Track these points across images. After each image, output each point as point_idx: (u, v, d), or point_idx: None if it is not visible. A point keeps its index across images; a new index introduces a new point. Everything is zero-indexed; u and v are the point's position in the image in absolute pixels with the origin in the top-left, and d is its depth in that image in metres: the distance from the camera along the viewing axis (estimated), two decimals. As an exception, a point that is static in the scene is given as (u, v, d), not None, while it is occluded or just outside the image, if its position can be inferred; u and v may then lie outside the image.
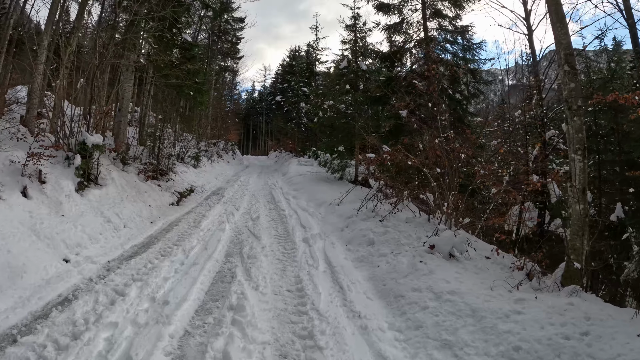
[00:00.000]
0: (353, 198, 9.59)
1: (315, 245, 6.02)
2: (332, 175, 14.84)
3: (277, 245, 6.08)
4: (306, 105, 25.54)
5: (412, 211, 7.62)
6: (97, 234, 5.87)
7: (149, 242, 6.11)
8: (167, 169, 11.41)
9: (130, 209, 7.11)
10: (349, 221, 7.52)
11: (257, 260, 5.10)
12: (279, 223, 7.72)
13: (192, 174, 12.99)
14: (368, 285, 4.66)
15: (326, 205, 9.80)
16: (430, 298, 4.05)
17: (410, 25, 12.86)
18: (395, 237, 6.02)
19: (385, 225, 6.74)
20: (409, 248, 5.48)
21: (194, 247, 5.69)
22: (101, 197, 6.97)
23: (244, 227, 7.21)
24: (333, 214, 8.69)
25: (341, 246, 6.29)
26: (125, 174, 8.81)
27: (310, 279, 4.52)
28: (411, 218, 7.31)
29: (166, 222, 7.38)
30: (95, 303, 3.82)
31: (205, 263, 4.94)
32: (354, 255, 5.82)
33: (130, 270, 4.71)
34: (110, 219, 6.37)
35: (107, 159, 8.84)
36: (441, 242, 5.11)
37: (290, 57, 38.11)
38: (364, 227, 6.85)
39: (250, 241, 6.10)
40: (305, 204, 10.38)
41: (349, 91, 14.82)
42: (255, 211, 8.87)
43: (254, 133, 53.32)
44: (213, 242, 5.93)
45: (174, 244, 5.88)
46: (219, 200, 10.22)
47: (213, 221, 7.46)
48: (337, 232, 7.22)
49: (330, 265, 5.17)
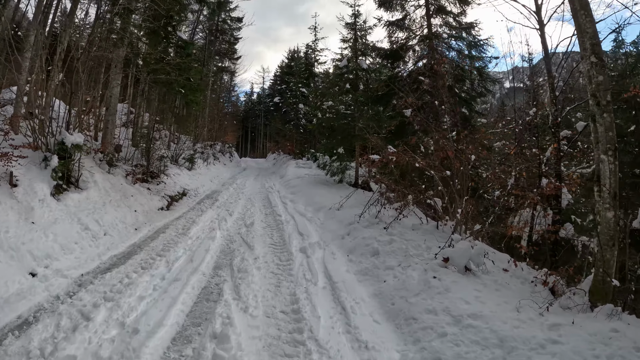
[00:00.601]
0: (354, 202, 9.02)
1: (313, 256, 5.44)
2: (332, 178, 14.28)
3: (271, 255, 5.50)
4: (305, 107, 25.02)
5: (418, 217, 7.06)
6: (72, 243, 5.28)
7: (130, 252, 5.53)
8: (159, 171, 10.84)
9: (112, 215, 6.53)
10: (351, 228, 6.95)
11: (248, 274, 4.52)
12: (275, 230, 7.14)
13: (185, 177, 12.41)
14: (374, 305, 4.08)
15: (325, 210, 9.23)
16: (449, 322, 3.48)
17: (413, 21, 12.36)
18: (402, 247, 5.45)
19: (391, 233, 6.18)
20: (418, 260, 4.90)
21: (179, 258, 5.11)
22: (80, 201, 6.39)
23: (236, 235, 6.63)
24: (333, 220, 8.12)
25: (342, 257, 5.71)
26: (111, 176, 8.22)
27: (308, 298, 3.94)
28: (418, 225, 6.74)
29: (152, 228, 6.79)
30: (57, 329, 3.25)
31: (189, 278, 4.36)
32: (356, 267, 5.24)
33: (103, 287, 4.13)
34: (88, 226, 5.78)
35: (92, 161, 8.27)
36: (456, 254, 4.54)
37: (288, 58, 37.63)
38: (367, 235, 6.28)
39: (242, 251, 5.52)
40: (303, 209, 9.81)
41: (348, 91, 14.27)
42: (249, 217, 8.29)
43: (252, 135, 52.84)
44: (201, 252, 5.34)
45: (158, 254, 5.29)
46: (212, 205, 9.64)
47: (203, 228, 6.88)
48: (337, 240, 6.65)
49: (330, 279, 4.59)
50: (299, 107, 25.10)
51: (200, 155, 18.83)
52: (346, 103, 15.32)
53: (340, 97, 15.45)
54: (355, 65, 14.37)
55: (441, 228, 6.60)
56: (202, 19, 24.39)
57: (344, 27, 15.98)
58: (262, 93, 52.42)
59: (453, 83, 10.81)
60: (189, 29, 23.51)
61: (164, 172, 11.20)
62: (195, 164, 15.32)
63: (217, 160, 21.71)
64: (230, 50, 28.68)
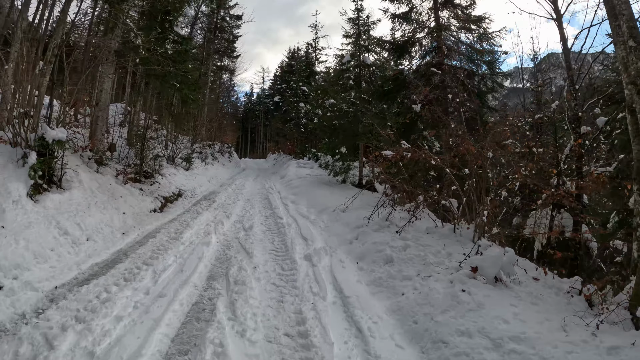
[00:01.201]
0: (360, 204, 8.43)
1: (320, 264, 4.84)
2: (334, 178, 13.69)
3: (272, 264, 4.89)
4: (305, 105, 24.42)
5: (432, 220, 6.47)
6: (47, 250, 4.67)
7: (114, 259, 4.92)
8: (153, 170, 10.24)
9: (97, 218, 5.92)
10: (359, 232, 6.35)
11: (246, 287, 3.91)
12: (276, 234, 6.54)
13: (181, 177, 11.81)
14: (393, 323, 3.48)
15: (329, 211, 8.63)
16: (487, 347, 2.88)
17: (420, 14, 11.78)
18: (419, 254, 4.85)
19: (404, 238, 5.58)
20: (440, 269, 4.30)
21: (168, 268, 4.51)
22: (62, 203, 5.79)
23: (234, 240, 6.03)
24: (338, 223, 7.52)
25: (352, 264, 5.11)
26: (99, 176, 7.63)
27: (316, 317, 3.34)
28: (432, 228, 6.16)
29: (142, 233, 6.19)
30: (15, 358, 2.67)
31: (177, 292, 3.76)
32: (368, 276, 4.64)
33: (77, 303, 3.53)
34: (68, 230, 5.18)
35: (79, 159, 7.68)
36: (486, 262, 3.94)
37: (289, 57, 37.09)
38: (377, 239, 5.68)
39: (239, 259, 4.92)
40: (305, 211, 9.22)
41: (352, 87, 13.68)
42: (248, 219, 7.69)
43: (252, 136, 52.36)
44: (193, 260, 4.74)
45: (145, 262, 4.69)
46: (209, 206, 9.04)
47: (198, 232, 6.27)
48: (344, 245, 6.05)
49: (341, 293, 3.99)
50: (299, 105, 24.49)
51: (199, 155, 18.23)
52: (348, 101, 14.74)
53: (343, 94, 14.86)
54: (359, 61, 13.78)
55: (458, 232, 6.00)
56: (201, 17, 23.88)
57: (347, 22, 15.38)
58: (262, 93, 51.91)
59: (464, 77, 10.22)
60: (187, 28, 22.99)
61: (158, 172, 10.61)
62: (193, 164, 14.72)
63: (215, 160, 21.10)
64: (230, 48, 28.11)
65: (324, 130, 15.48)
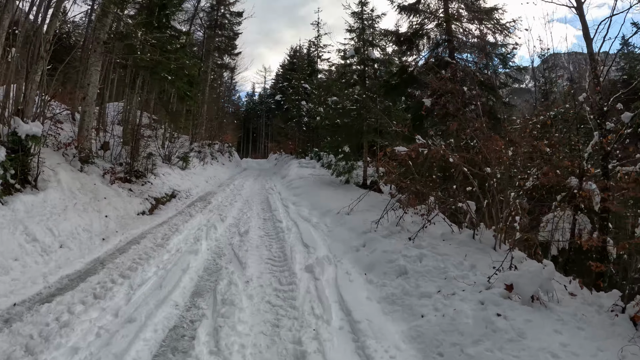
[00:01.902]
0: (366, 206, 7.80)
1: (323, 277, 4.20)
2: (338, 178, 13.04)
3: (268, 276, 4.25)
4: (307, 104, 23.79)
5: (447, 225, 5.82)
6: (10, 259, 4.06)
7: (88, 270, 4.31)
8: (146, 170, 9.63)
9: (74, 222, 5.30)
10: (366, 238, 5.70)
11: (235, 307, 3.28)
12: (274, 240, 5.90)
13: (177, 177, 11.19)
14: (414, 355, 2.84)
15: (333, 214, 8.00)
16: (539, 396, 2.23)
17: (428, 6, 11.11)
18: (438, 266, 4.20)
19: (419, 246, 4.93)
20: (466, 285, 3.65)
21: (147, 281, 3.88)
22: (34, 205, 5.17)
23: (227, 247, 5.40)
24: (342, 227, 6.88)
25: (359, 276, 4.47)
26: (83, 175, 7.02)
27: (319, 349, 2.70)
28: (448, 234, 5.51)
29: (125, 238, 5.57)
30: None
31: (152, 314, 3.13)
32: (380, 292, 4.00)
33: (31, 327, 2.93)
34: (37, 236, 4.56)
35: (61, 157, 7.07)
36: (523, 279, 3.29)
37: (290, 56, 36.46)
38: (388, 247, 5.04)
39: (231, 270, 4.28)
40: (307, 213, 8.59)
41: (356, 83, 13.04)
42: (245, 223, 7.05)
43: (254, 136, 51.84)
44: (176, 272, 4.10)
45: (122, 274, 4.07)
46: (203, 208, 8.42)
47: (187, 237, 5.64)
48: (350, 253, 5.40)
49: (349, 315, 3.34)
50: (301, 104, 23.85)
51: (197, 155, 17.64)
52: (352, 98, 14.10)
53: (346, 90, 14.22)
54: (363, 56, 13.14)
55: (478, 238, 5.35)
56: (201, 15, 23.31)
57: (350, 16, 14.73)
58: (263, 93, 51.35)
59: (476, 70, 9.55)
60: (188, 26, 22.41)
61: (151, 172, 10.00)
62: (190, 163, 14.10)
63: (215, 159, 20.48)
64: (230, 45, 27.52)
65: (327, 129, 14.85)
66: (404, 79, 9.79)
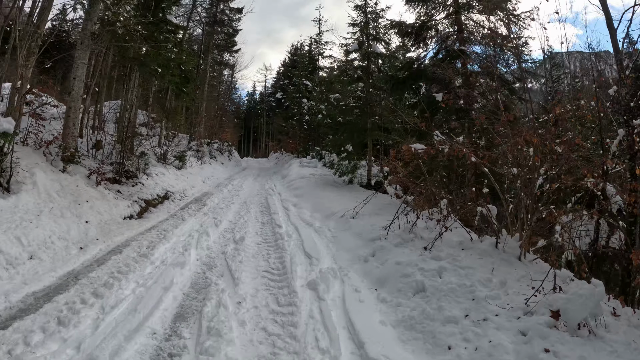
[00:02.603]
0: (372, 209, 7.22)
1: (328, 296, 3.62)
2: (341, 178, 12.46)
3: (265, 294, 3.67)
4: (309, 102, 23.18)
5: (465, 231, 5.23)
6: (-36, 276, 3.50)
7: (58, 286, 3.74)
8: (137, 170, 9.06)
9: (48, 229, 4.73)
10: (375, 246, 5.12)
11: (222, 339, 2.70)
12: (273, 248, 5.32)
13: (171, 177, 10.62)
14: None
15: (336, 217, 7.43)
16: None
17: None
18: (463, 283, 3.61)
19: (437, 257, 4.35)
20: (498, 308, 3.07)
21: (122, 302, 3.31)
22: (3, 210, 4.60)
23: (219, 256, 4.82)
24: (348, 232, 6.30)
25: (370, 293, 3.89)
26: (65, 176, 6.45)
27: (327, 401, 2.12)
28: (467, 242, 4.92)
29: (106, 247, 5.00)
30: None
31: (119, 351, 2.55)
32: (395, 313, 3.42)
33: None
34: (1, 247, 3.99)
35: (41, 156, 6.51)
36: (572, 304, 2.70)
37: (291, 53, 35.84)
38: (401, 257, 4.46)
39: (221, 287, 3.70)
40: (308, 215, 8.01)
41: (360, 78, 12.44)
42: (241, 227, 6.47)
43: (254, 135, 51.30)
44: (156, 291, 3.53)
45: (95, 292, 3.49)
46: (197, 211, 7.85)
47: (175, 246, 5.07)
48: (358, 263, 4.83)
49: (361, 347, 2.75)
50: (302, 101, 23.25)
51: (195, 154, 17.08)
52: (355, 96, 13.53)
53: (349, 87, 13.63)
54: (367, 50, 12.54)
55: (501, 247, 4.76)
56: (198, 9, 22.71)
57: (353, 9, 14.13)
58: (264, 91, 50.77)
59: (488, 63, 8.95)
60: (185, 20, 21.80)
61: (144, 172, 9.44)
62: (187, 162, 13.53)
63: (214, 159, 19.92)
64: (230, 42, 26.93)
65: (330, 127, 14.29)
66: (412, 73, 9.21)
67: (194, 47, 23.56)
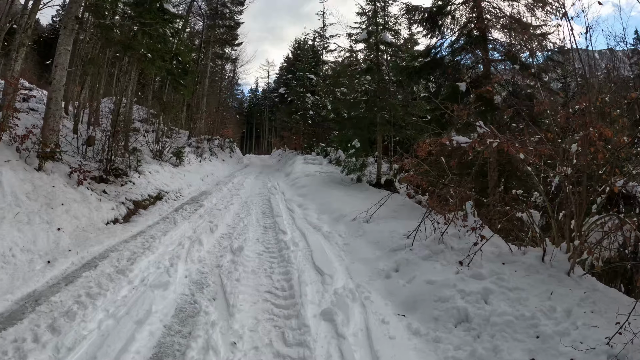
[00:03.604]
0: (387, 211, 6.46)
1: (348, 330, 2.83)
2: (348, 176, 11.65)
3: (267, 328, 2.88)
4: (313, 96, 22.33)
5: (506, 243, 4.43)
6: None
7: (11, 315, 2.97)
8: (128, 167, 8.28)
9: (10, 239, 3.96)
10: (398, 258, 4.33)
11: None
12: (276, 260, 4.53)
13: (166, 175, 9.85)
14: None
15: (347, 221, 6.65)
16: None
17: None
18: (520, 313, 2.81)
19: (478, 275, 3.55)
20: (572, 349, 2.29)
21: (82, 341, 2.54)
22: (-47, 217, 3.84)
23: (213, 271, 4.05)
24: (362, 239, 5.52)
25: (397, 321, 3.10)
26: (41, 175, 5.69)
27: None
28: (507, 254, 4.13)
29: (80, 260, 4.22)
30: None
31: None
32: (435, 354, 2.64)
33: None
34: (-60, 264, 3.23)
35: (14, 152, 5.75)
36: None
37: (295, 47, 34.91)
38: (434, 275, 3.67)
39: (212, 318, 2.92)
40: (315, 218, 7.24)
41: (370, 69, 11.61)
42: (240, 233, 5.70)
43: (257, 132, 50.59)
44: (128, 324, 2.75)
45: (52, 325, 2.73)
46: (193, 213, 7.08)
47: (161, 258, 4.29)
48: (379, 279, 4.04)
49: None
50: (306, 96, 22.40)
51: (195, 150, 16.32)
52: (362, 90, 12.69)
53: (357, 79, 12.80)
54: (378, 38, 11.70)
55: (548, 260, 3.97)
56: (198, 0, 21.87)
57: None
58: (267, 88, 49.96)
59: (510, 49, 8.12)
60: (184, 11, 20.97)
61: (136, 169, 8.67)
62: (185, 159, 12.76)
63: (214, 155, 19.14)
64: (231, 36, 26.10)
65: (337, 122, 13.49)
66: (428, 62, 8.38)
67: (195, 41, 22.73)
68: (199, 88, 22.71)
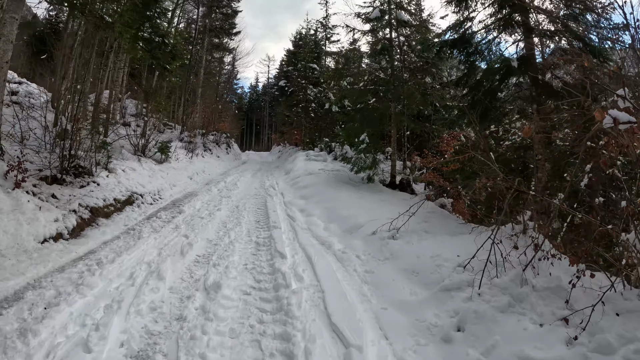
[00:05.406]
0: (416, 221, 4.96)
1: None
2: (358, 175, 10.14)
3: None
4: (315, 88, 20.75)
5: (607, 276, 2.93)
6: None
7: None
8: (93, 165, 6.77)
9: None
10: (459, 307, 2.82)
11: None
12: (270, 309, 3.01)
13: (145, 173, 8.32)
14: None
15: (365, 234, 5.14)
16: None
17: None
18: None
19: (606, 348, 2.06)
20: None
21: None
22: None
23: (167, 334, 2.56)
24: (390, 264, 4.02)
25: None
26: (-44, 174, 4.19)
27: None
28: (611, 294, 2.64)
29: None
30: None
31: None
32: None
33: None
34: None
35: None
36: None
37: (296, 38, 33.27)
38: (530, 346, 2.18)
39: None
40: (322, 229, 5.76)
41: (385, 49, 10.05)
42: (222, 255, 4.19)
43: (257, 128, 49.13)
44: None
45: None
46: (167, 222, 5.60)
47: (94, 304, 2.80)
48: (431, 344, 2.55)
49: None
50: (308, 87, 20.83)
51: (186, 146, 14.82)
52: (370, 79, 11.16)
53: (367, 64, 11.27)
54: (392, 16, 10.16)
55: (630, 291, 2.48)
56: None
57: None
58: (267, 83, 48.42)
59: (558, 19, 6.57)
60: None
61: (106, 167, 7.18)
62: (172, 154, 11.25)
63: (208, 151, 17.61)
64: (229, 24, 24.52)
65: (344, 114, 11.99)
66: (460, 37, 6.85)
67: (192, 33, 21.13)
68: (193, 79, 21.18)
